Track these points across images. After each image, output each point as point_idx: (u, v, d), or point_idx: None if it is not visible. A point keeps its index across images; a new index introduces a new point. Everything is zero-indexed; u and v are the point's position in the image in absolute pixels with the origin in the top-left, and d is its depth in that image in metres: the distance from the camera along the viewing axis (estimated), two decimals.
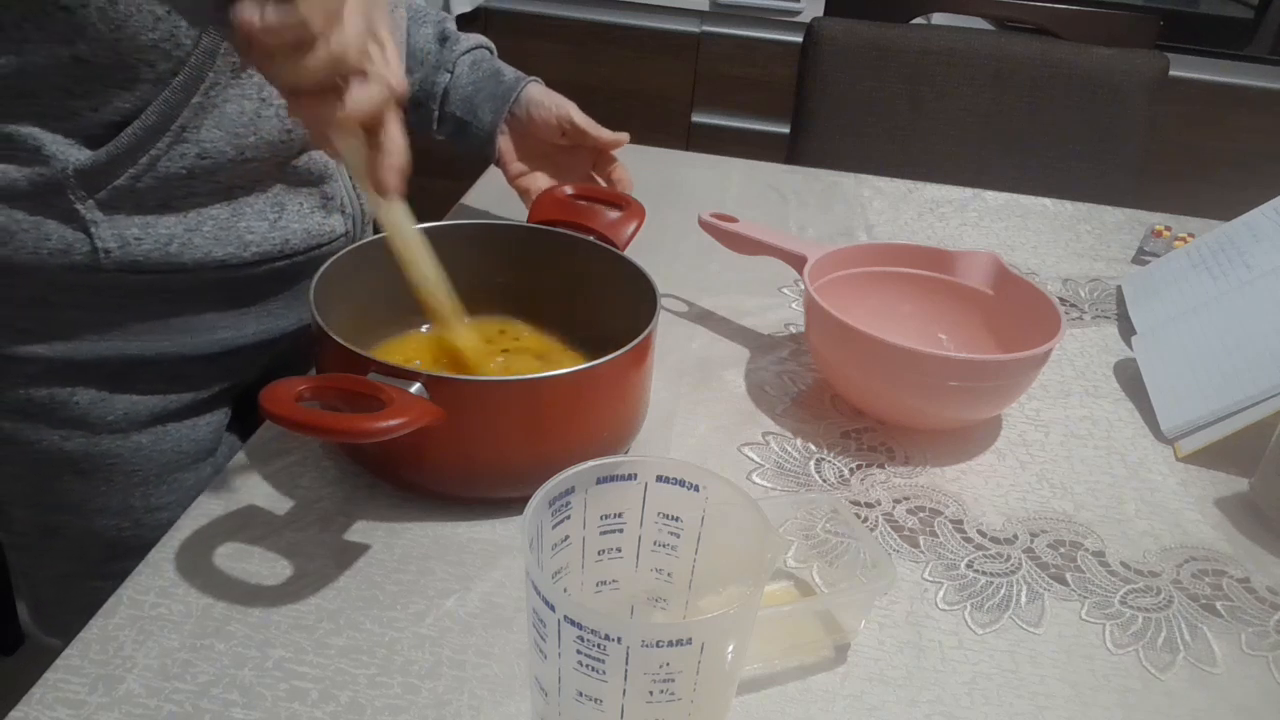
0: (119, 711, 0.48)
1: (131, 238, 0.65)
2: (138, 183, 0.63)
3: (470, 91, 0.89)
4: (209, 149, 0.64)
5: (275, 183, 0.70)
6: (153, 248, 0.65)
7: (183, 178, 0.65)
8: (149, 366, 0.71)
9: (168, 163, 0.64)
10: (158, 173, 0.64)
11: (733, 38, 1.98)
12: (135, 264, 0.66)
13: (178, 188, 0.65)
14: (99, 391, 0.70)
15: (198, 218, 0.67)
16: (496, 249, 0.75)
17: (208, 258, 0.68)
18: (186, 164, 0.64)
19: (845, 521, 0.58)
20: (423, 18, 0.91)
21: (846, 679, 0.54)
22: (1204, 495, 0.70)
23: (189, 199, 0.66)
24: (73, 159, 0.62)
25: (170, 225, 0.66)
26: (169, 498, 0.76)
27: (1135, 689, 0.55)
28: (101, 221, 0.64)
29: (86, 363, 0.69)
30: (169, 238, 0.66)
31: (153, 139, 0.63)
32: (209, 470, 0.78)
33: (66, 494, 0.74)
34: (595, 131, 0.89)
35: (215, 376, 0.75)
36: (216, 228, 0.67)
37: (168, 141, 0.63)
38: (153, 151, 0.63)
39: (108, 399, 0.71)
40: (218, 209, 0.67)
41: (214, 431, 0.78)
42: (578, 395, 0.61)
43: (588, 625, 0.39)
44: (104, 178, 0.63)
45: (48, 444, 0.71)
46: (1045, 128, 1.46)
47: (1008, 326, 0.77)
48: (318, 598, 0.55)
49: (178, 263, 0.67)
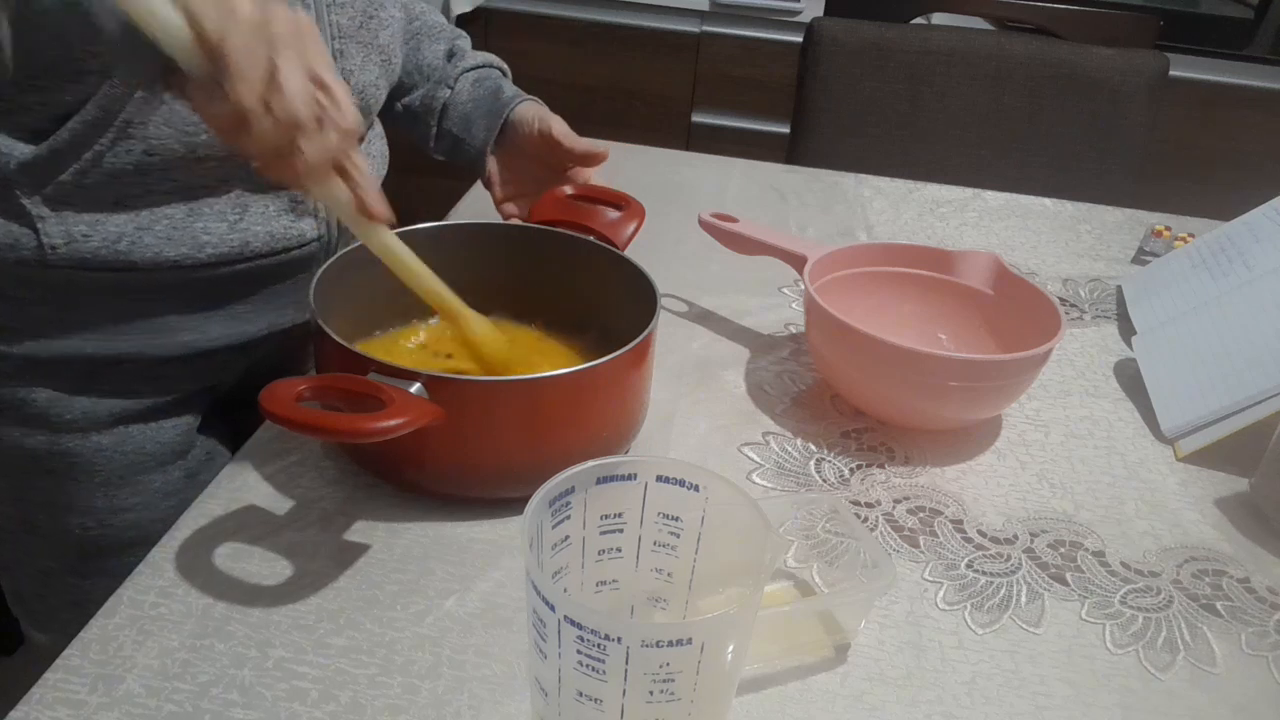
0: (119, 711, 0.48)
1: (79, 234, 0.64)
2: (84, 178, 0.63)
3: (469, 109, 0.88)
4: (157, 146, 0.64)
5: (237, 184, 0.69)
6: (101, 245, 0.65)
7: (132, 174, 0.64)
8: (111, 367, 0.71)
9: (113, 159, 0.63)
10: (104, 169, 0.63)
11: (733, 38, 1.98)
12: (84, 261, 0.65)
13: (131, 185, 0.65)
14: (57, 391, 0.70)
15: (151, 216, 0.66)
16: (496, 249, 0.75)
17: (160, 257, 0.67)
18: (133, 160, 0.64)
19: (845, 521, 0.58)
20: (436, 34, 0.91)
21: (846, 679, 0.54)
22: (1204, 495, 0.70)
23: (144, 197, 0.65)
24: (17, 153, 0.62)
25: (120, 223, 0.65)
26: (134, 499, 0.75)
27: (1135, 689, 0.55)
28: (48, 217, 0.63)
29: (47, 361, 0.69)
30: (118, 235, 0.65)
31: (95, 134, 0.62)
32: (179, 473, 0.77)
33: (37, 491, 0.74)
34: (569, 143, 0.84)
35: (182, 379, 0.74)
36: (170, 227, 0.67)
37: (111, 137, 0.62)
38: (96, 147, 0.62)
39: (66, 399, 0.70)
40: (174, 208, 0.67)
41: (182, 435, 0.77)
42: (578, 395, 0.61)
43: (588, 625, 0.39)
44: (48, 173, 0.62)
45: (10, 441, 0.71)
46: (1045, 128, 1.46)
47: (1008, 326, 0.77)
48: (318, 598, 0.55)
49: (127, 261, 0.66)
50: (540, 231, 0.75)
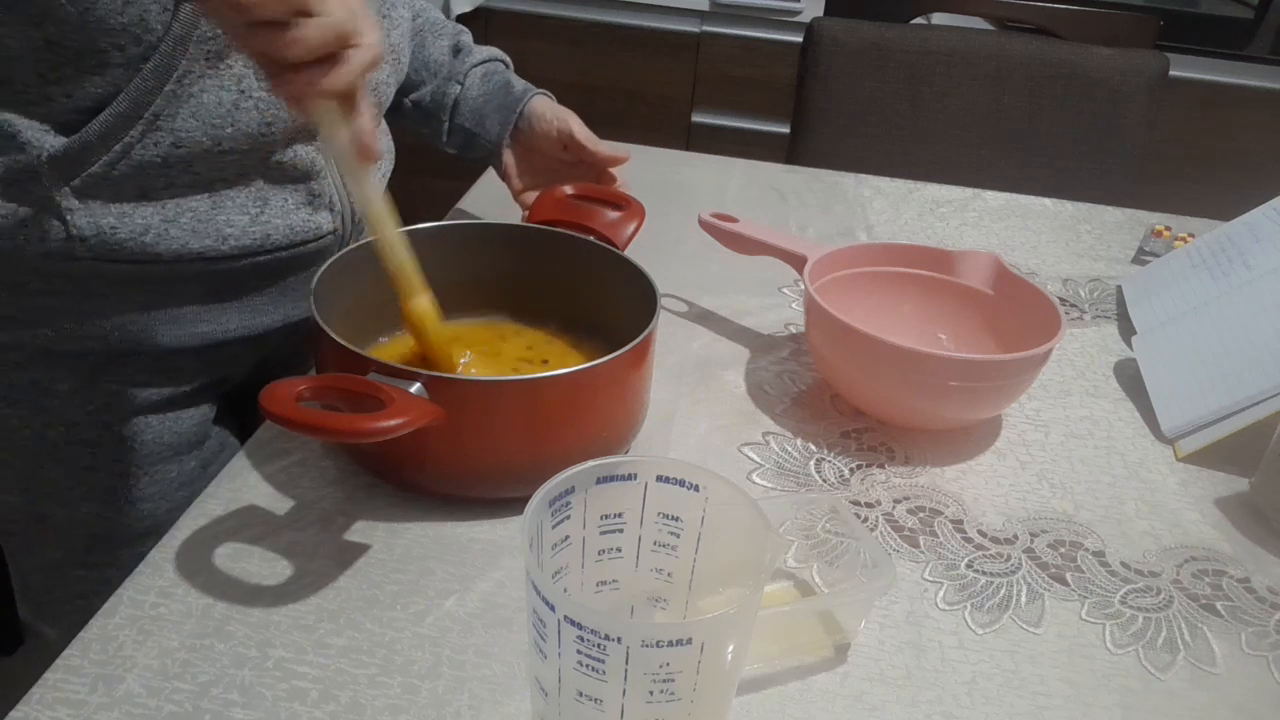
0: (119, 711, 0.48)
1: (107, 226, 0.65)
2: (113, 170, 0.63)
3: (480, 103, 0.89)
4: (184, 139, 0.64)
5: (258, 177, 0.70)
6: (128, 237, 0.65)
7: (159, 167, 0.64)
8: (130, 357, 0.71)
9: (141, 151, 0.63)
10: (132, 161, 0.63)
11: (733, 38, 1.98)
12: (111, 253, 0.65)
13: (155, 177, 0.65)
14: (79, 381, 0.70)
15: (176, 209, 0.66)
16: (497, 249, 0.75)
17: (185, 249, 0.67)
18: (161, 153, 0.64)
19: (845, 521, 0.58)
20: (439, 30, 0.92)
21: (846, 679, 0.54)
22: (1204, 495, 0.70)
23: (168, 189, 0.66)
24: (47, 145, 0.62)
25: (147, 215, 0.66)
26: (151, 489, 0.76)
27: (1135, 689, 0.55)
28: (77, 209, 0.64)
29: (67, 351, 0.69)
30: (145, 228, 0.66)
31: (125, 126, 0.62)
32: (194, 463, 0.78)
33: (51, 481, 0.74)
34: (593, 146, 0.88)
35: (199, 370, 0.75)
36: (194, 219, 0.67)
37: (141, 129, 0.63)
38: (126, 139, 0.63)
39: (88, 388, 0.71)
40: (197, 201, 0.67)
41: (198, 425, 0.77)
42: (578, 395, 0.61)
43: (588, 625, 0.39)
44: (78, 165, 0.63)
45: (30, 431, 0.72)
46: (1045, 128, 1.46)
47: (1008, 326, 0.77)
48: (318, 598, 0.55)
49: (154, 253, 0.66)
50: (540, 231, 0.76)
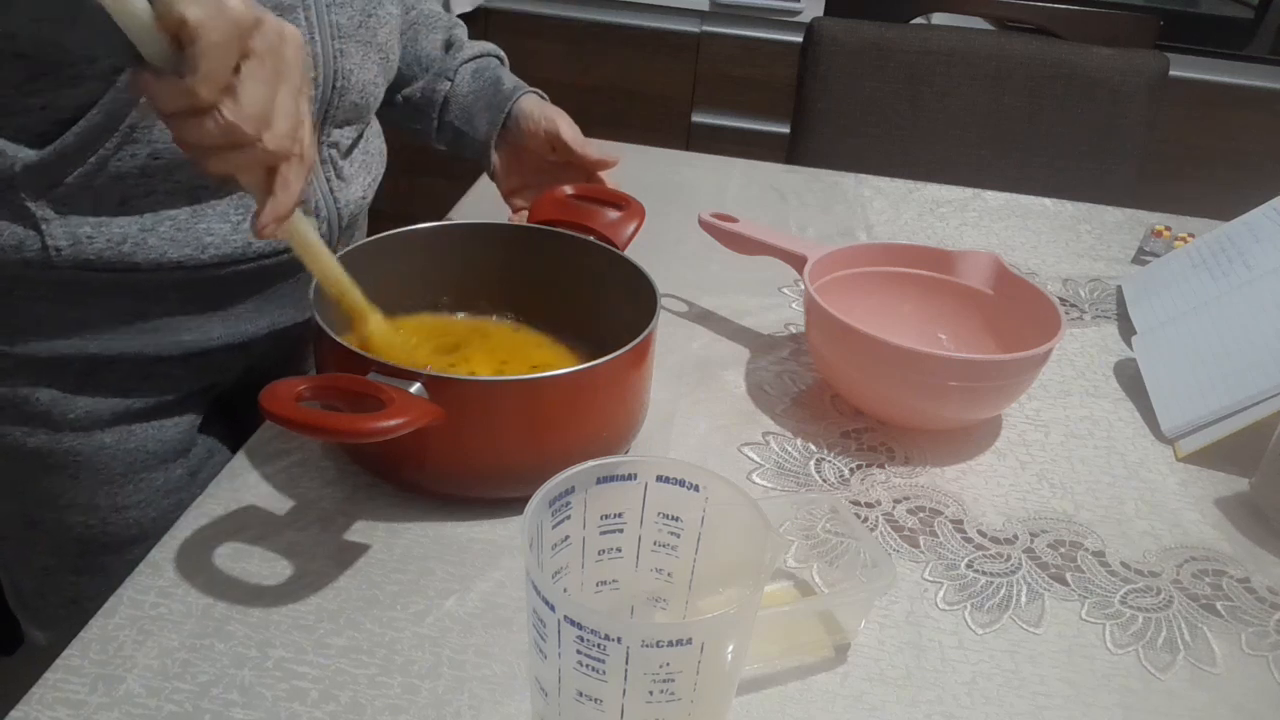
0: (119, 711, 0.48)
1: (84, 236, 0.64)
2: (90, 182, 0.63)
3: (470, 101, 0.88)
4: (161, 149, 0.64)
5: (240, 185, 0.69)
6: (105, 247, 0.65)
7: (137, 176, 0.64)
8: (113, 366, 0.71)
9: (118, 163, 0.63)
10: (109, 172, 0.63)
11: (733, 38, 1.98)
12: (88, 262, 0.65)
13: (135, 187, 0.65)
14: (60, 390, 0.70)
15: (155, 218, 0.66)
16: (497, 249, 0.75)
17: (164, 258, 0.67)
18: (139, 164, 0.64)
19: (845, 521, 0.58)
20: (434, 24, 0.90)
21: (846, 679, 0.54)
22: (1204, 495, 0.70)
23: (149, 198, 0.65)
24: (21, 156, 0.62)
25: (124, 225, 0.65)
26: (136, 497, 0.75)
27: (1135, 689, 0.55)
28: (53, 219, 0.63)
29: (49, 360, 0.69)
30: (122, 237, 0.65)
31: (100, 138, 0.62)
32: (180, 471, 0.77)
33: (40, 488, 0.74)
34: (580, 149, 0.85)
35: (183, 378, 0.75)
36: (174, 228, 0.67)
37: (116, 141, 0.62)
38: (101, 151, 0.62)
39: (69, 398, 0.70)
40: (178, 210, 0.67)
41: (184, 433, 0.77)
42: (577, 395, 0.61)
43: (588, 625, 0.39)
44: (53, 176, 0.62)
45: (13, 439, 0.71)
46: (1045, 128, 1.46)
47: (1008, 326, 0.77)
48: (318, 598, 0.55)
49: (132, 262, 0.66)
50: (540, 231, 0.75)
